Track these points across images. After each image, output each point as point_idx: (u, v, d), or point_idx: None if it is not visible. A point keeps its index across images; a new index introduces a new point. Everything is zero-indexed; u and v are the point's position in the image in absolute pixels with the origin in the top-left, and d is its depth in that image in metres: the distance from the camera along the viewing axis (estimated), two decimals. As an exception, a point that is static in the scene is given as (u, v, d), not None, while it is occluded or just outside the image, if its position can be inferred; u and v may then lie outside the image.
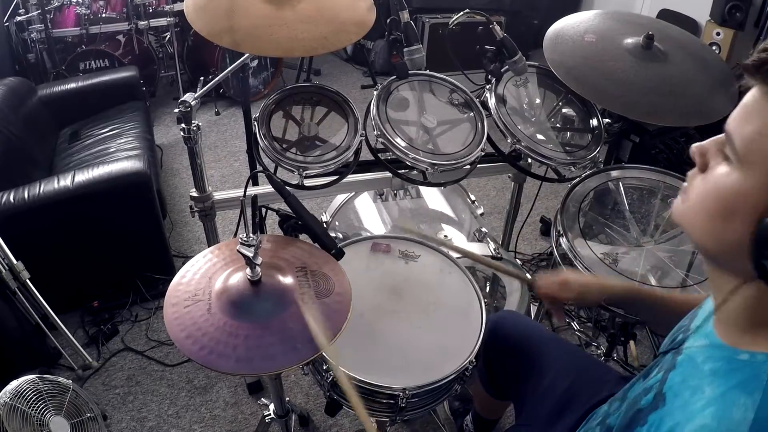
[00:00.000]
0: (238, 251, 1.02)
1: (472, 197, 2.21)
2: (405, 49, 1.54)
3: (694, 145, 0.68)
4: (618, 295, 1.19)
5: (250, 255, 1.02)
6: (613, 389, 1.10)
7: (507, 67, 1.63)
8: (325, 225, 2.01)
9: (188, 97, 1.39)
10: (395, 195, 2.15)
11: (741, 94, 0.64)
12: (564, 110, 1.73)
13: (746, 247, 0.60)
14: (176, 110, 1.40)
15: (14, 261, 1.88)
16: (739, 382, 0.62)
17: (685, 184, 0.70)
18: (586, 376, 1.23)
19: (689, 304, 1.08)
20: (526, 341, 1.35)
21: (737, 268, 0.65)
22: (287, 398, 1.68)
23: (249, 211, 1.72)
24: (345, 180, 1.57)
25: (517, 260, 2.42)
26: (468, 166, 1.55)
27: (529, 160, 1.72)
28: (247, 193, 1.51)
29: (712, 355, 0.69)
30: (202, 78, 1.62)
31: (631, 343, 1.88)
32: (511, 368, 1.37)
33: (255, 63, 4.00)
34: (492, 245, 1.74)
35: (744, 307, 0.67)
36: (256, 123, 1.46)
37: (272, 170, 1.49)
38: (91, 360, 2.10)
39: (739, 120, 0.61)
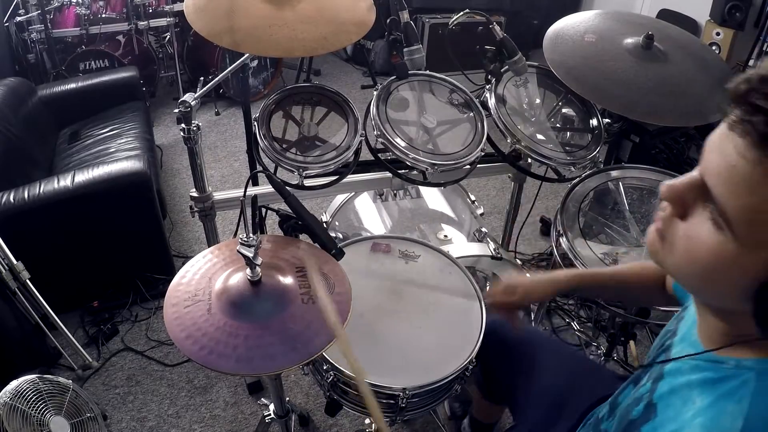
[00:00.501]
0: (238, 251, 1.02)
1: (472, 197, 2.21)
2: (405, 49, 1.54)
3: (665, 187, 0.62)
4: (567, 285, 1.18)
5: (250, 255, 1.01)
6: (610, 390, 1.10)
7: (507, 67, 1.63)
8: (325, 225, 2.01)
9: (188, 97, 1.39)
10: (395, 195, 2.15)
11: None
12: (564, 110, 1.73)
13: (738, 295, 0.58)
14: (176, 110, 1.40)
15: (14, 261, 1.88)
16: (728, 391, 0.62)
17: (657, 222, 0.66)
18: (582, 378, 1.23)
19: (640, 275, 1.09)
20: (521, 344, 1.35)
21: (727, 307, 0.64)
22: (287, 398, 1.68)
23: (249, 212, 1.72)
24: (345, 180, 1.57)
25: (517, 260, 2.42)
26: (468, 166, 1.55)
27: (529, 160, 1.72)
28: (247, 193, 1.51)
29: (698, 364, 0.69)
30: (202, 78, 1.62)
31: (631, 343, 1.88)
32: (506, 371, 1.37)
33: (255, 63, 4.00)
34: (492, 245, 1.74)
35: (731, 325, 0.66)
36: (256, 123, 1.46)
37: (272, 170, 1.49)
38: (91, 360, 2.10)
39: (727, 187, 0.55)
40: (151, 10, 3.89)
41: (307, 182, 1.48)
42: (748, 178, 0.53)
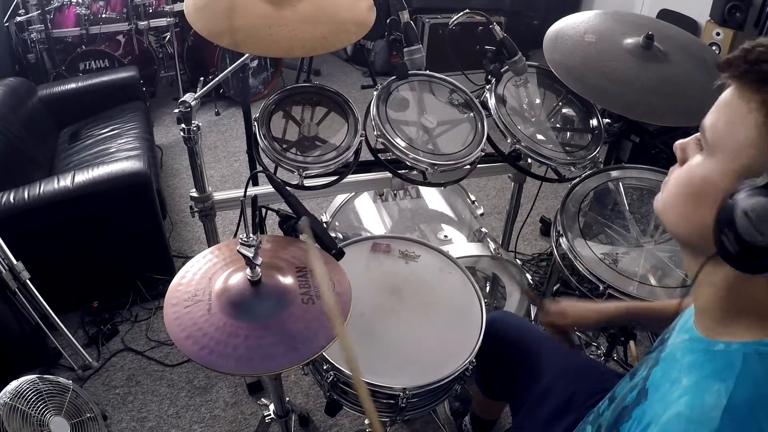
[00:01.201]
0: (238, 251, 1.02)
1: (472, 197, 2.21)
2: (405, 49, 1.54)
3: (677, 142, 0.71)
4: (614, 317, 1.23)
5: (250, 255, 1.02)
6: (611, 387, 1.10)
7: (507, 67, 1.63)
8: (325, 225, 2.01)
9: (188, 97, 1.39)
10: (395, 195, 2.15)
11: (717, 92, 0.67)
12: (564, 110, 1.72)
13: (710, 221, 0.62)
14: (176, 110, 1.40)
15: (14, 261, 1.88)
16: (714, 371, 0.64)
17: (667, 179, 0.73)
18: (583, 376, 1.24)
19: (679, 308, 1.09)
20: (521, 342, 1.36)
21: (709, 253, 0.66)
22: (287, 398, 1.68)
23: (249, 212, 1.73)
24: (345, 180, 1.57)
25: (518, 260, 2.42)
26: (468, 166, 1.55)
27: (529, 160, 1.72)
28: (247, 193, 1.51)
29: (690, 347, 0.71)
30: (202, 78, 1.62)
31: (631, 343, 1.88)
32: (505, 369, 1.37)
33: (255, 63, 4.00)
34: (492, 245, 1.74)
35: (716, 297, 0.68)
36: (256, 123, 1.46)
37: (272, 170, 1.49)
38: (91, 360, 2.10)
39: (711, 113, 0.66)
40: (151, 10, 3.90)
41: (307, 182, 1.48)
42: (728, 100, 0.63)
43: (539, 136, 1.63)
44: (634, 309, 1.22)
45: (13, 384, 1.54)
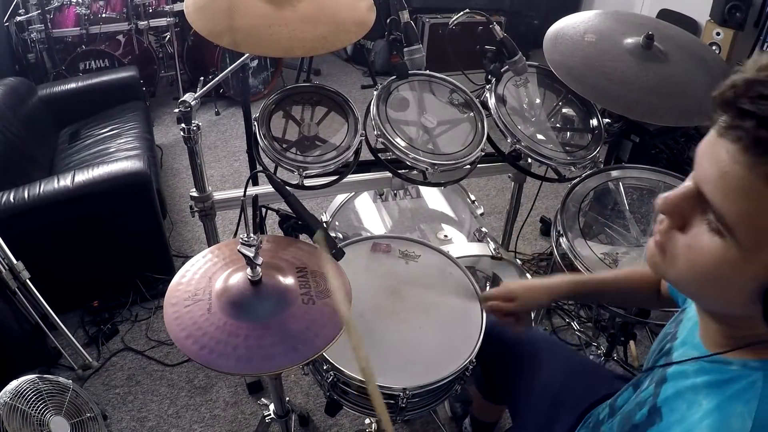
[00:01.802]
0: (239, 251, 1.02)
1: (472, 197, 2.21)
2: (405, 49, 1.54)
3: (661, 200, 0.62)
4: (565, 291, 1.18)
5: (251, 255, 1.01)
6: (609, 389, 1.10)
7: (507, 67, 1.63)
8: (325, 225, 2.01)
9: (188, 97, 1.39)
10: (395, 195, 2.15)
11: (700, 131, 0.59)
12: (564, 110, 1.72)
13: (744, 300, 0.58)
14: (176, 110, 1.40)
15: (14, 261, 1.88)
16: (735, 392, 0.62)
17: (656, 235, 0.66)
18: (582, 377, 1.23)
19: (635, 280, 1.09)
20: (520, 344, 1.35)
21: (733, 312, 0.64)
22: (287, 398, 1.68)
23: (249, 211, 1.72)
24: (345, 180, 1.57)
25: (518, 260, 2.42)
26: (468, 166, 1.55)
27: (529, 160, 1.72)
28: (247, 193, 1.51)
29: (703, 366, 0.68)
30: (202, 78, 1.62)
31: (631, 343, 1.88)
32: (505, 371, 1.37)
33: (255, 63, 4.00)
34: (492, 245, 1.74)
35: (732, 325, 0.66)
36: (256, 123, 1.46)
37: (272, 170, 1.49)
38: (91, 360, 2.10)
39: (723, 193, 0.55)
40: (151, 10, 3.90)
41: (307, 182, 1.48)
42: (744, 182, 0.53)
43: (539, 136, 1.63)
44: (582, 283, 1.19)
45: (13, 384, 1.54)
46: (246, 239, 1.02)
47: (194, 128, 1.44)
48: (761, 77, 0.53)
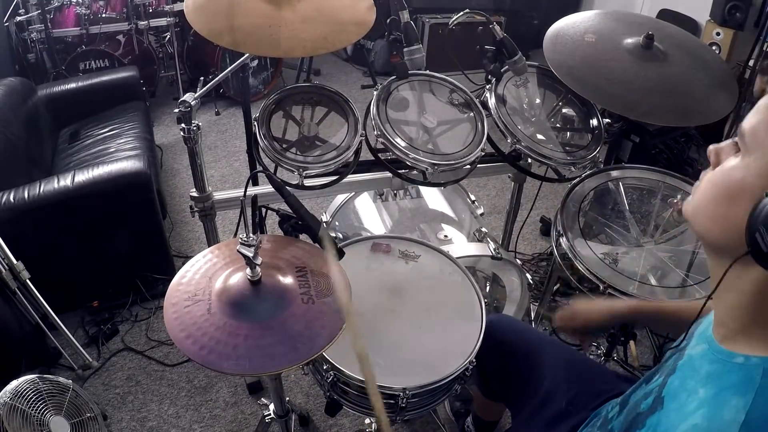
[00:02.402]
0: (238, 251, 1.02)
1: (472, 197, 2.21)
2: (405, 49, 1.53)
3: (712, 146, 0.71)
4: (625, 316, 1.23)
5: (250, 255, 1.02)
6: (612, 390, 1.10)
7: (507, 67, 1.63)
8: (325, 225, 2.01)
9: (188, 97, 1.39)
10: (395, 195, 2.15)
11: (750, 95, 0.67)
12: (564, 110, 1.72)
13: (742, 227, 0.61)
14: (176, 110, 1.40)
15: (14, 261, 1.88)
16: (732, 384, 0.63)
17: (698, 183, 0.72)
18: (585, 378, 1.24)
19: (693, 311, 1.09)
20: (520, 344, 1.35)
21: (739, 254, 0.65)
22: (287, 398, 1.68)
23: (249, 211, 1.72)
24: (345, 180, 1.57)
25: (518, 260, 2.42)
26: (468, 166, 1.55)
27: (529, 160, 1.72)
28: (247, 193, 1.51)
29: (709, 357, 0.70)
30: (202, 78, 1.62)
31: (631, 343, 1.88)
32: (505, 371, 1.37)
33: (255, 63, 4.00)
34: (492, 245, 1.74)
35: (740, 305, 0.67)
36: (256, 123, 1.46)
37: (272, 170, 1.49)
38: (91, 360, 2.10)
39: (751, 116, 0.65)
40: (151, 10, 3.89)
41: (307, 182, 1.48)
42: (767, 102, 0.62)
43: (539, 136, 1.63)
44: (646, 308, 1.22)
45: (13, 384, 1.54)
46: (245, 239, 1.02)
47: (194, 128, 1.44)
48: None
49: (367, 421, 1.63)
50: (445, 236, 1.88)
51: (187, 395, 2.03)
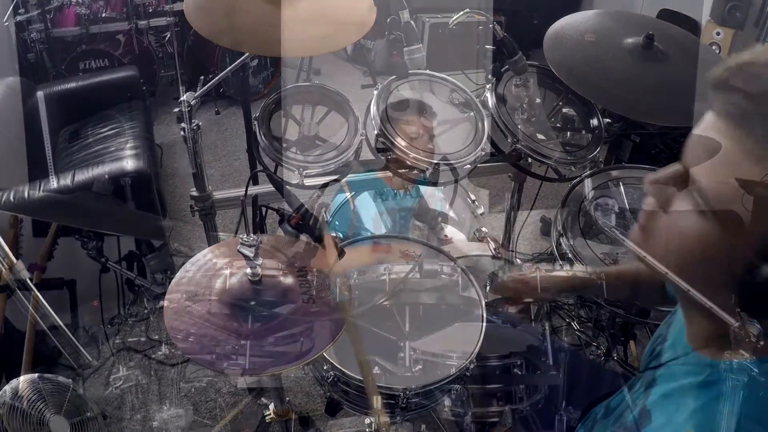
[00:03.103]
0: (239, 251, 1.02)
1: (472, 197, 2.21)
2: (405, 49, 1.53)
3: (650, 179, 0.64)
4: (584, 282, 1.19)
5: (251, 255, 1.01)
6: (609, 389, 1.10)
7: (507, 67, 1.62)
8: (325, 225, 2.01)
9: (188, 96, 1.39)
10: (395, 195, 2.14)
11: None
12: (564, 110, 1.72)
13: (720, 284, 0.60)
14: (176, 109, 1.40)
15: (14, 261, 1.88)
16: (720, 393, 0.63)
17: (641, 219, 0.68)
18: (584, 378, 1.24)
19: (650, 274, 1.08)
20: (520, 344, 1.35)
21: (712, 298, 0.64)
22: (287, 398, 1.67)
23: (249, 211, 1.72)
24: (345, 180, 1.57)
25: (518, 260, 2.42)
26: (468, 166, 1.55)
27: (529, 160, 1.71)
28: (248, 192, 1.51)
29: (690, 368, 0.69)
30: (202, 77, 1.62)
31: (631, 343, 1.88)
32: (505, 371, 1.36)
33: (255, 62, 3.99)
34: (492, 245, 1.74)
35: (716, 326, 0.66)
36: (256, 122, 1.46)
37: (272, 170, 1.49)
38: (90, 359, 2.10)
39: (709, 167, 0.58)
40: (151, 10, 3.89)
41: (308, 181, 1.48)
42: (730, 155, 0.56)
43: (539, 136, 1.63)
44: (608, 273, 1.20)
45: (13, 383, 1.54)
46: (246, 239, 1.02)
47: (194, 127, 1.44)
48: (751, 59, 0.57)
49: (367, 421, 1.63)
50: (445, 236, 1.87)
51: (187, 395, 2.03)
